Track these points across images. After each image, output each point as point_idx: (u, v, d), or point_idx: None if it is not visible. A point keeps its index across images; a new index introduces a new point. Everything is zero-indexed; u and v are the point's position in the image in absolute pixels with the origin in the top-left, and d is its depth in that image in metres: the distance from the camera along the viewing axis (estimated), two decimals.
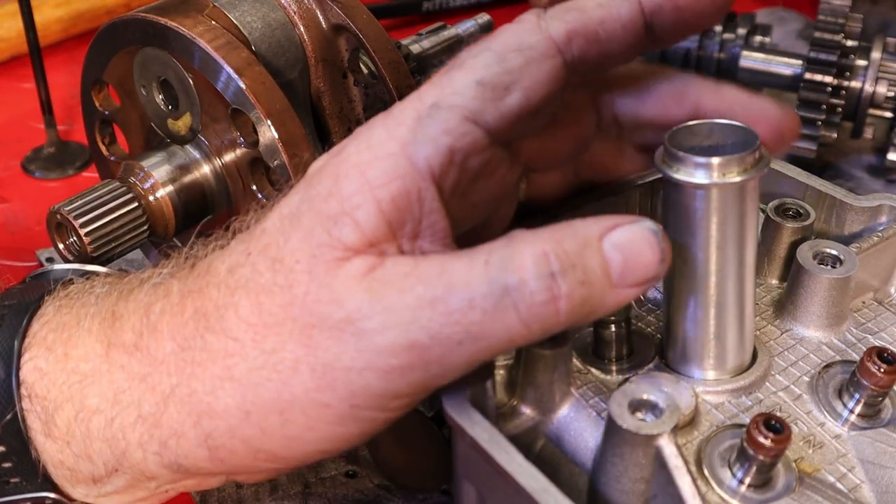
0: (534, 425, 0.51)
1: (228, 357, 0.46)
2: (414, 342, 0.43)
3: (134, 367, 0.49)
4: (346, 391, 0.45)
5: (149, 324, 0.49)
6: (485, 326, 0.43)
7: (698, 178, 0.47)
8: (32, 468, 0.50)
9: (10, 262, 0.87)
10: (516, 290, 0.43)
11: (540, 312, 0.43)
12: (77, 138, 1.01)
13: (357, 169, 0.45)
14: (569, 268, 0.43)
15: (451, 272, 0.44)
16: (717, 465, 0.49)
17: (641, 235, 0.44)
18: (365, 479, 0.64)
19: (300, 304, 0.45)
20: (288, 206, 0.47)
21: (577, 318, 0.44)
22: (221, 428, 0.47)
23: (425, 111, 0.46)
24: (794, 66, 0.97)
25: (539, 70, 0.47)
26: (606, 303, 0.45)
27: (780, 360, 0.56)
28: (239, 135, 0.66)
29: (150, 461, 0.49)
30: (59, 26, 1.15)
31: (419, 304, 0.43)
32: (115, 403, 0.49)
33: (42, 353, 0.50)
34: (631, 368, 0.54)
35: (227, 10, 0.67)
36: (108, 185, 0.68)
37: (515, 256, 0.43)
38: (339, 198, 0.45)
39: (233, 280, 0.47)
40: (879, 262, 0.60)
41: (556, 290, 0.43)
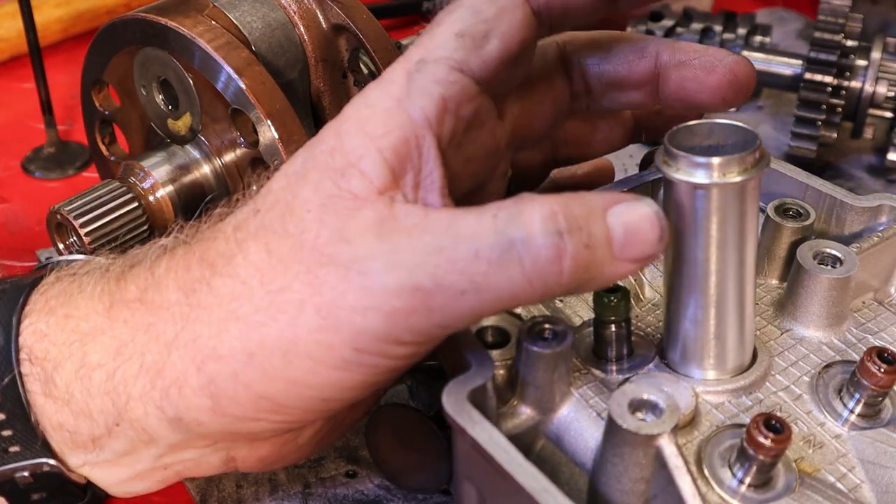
0: (534, 425, 0.51)
1: (234, 300, 0.47)
2: (418, 285, 0.44)
3: (137, 319, 0.49)
4: (350, 332, 0.45)
5: (154, 280, 0.50)
6: (489, 278, 0.44)
7: (698, 177, 0.47)
8: (31, 434, 0.50)
9: (10, 262, 0.87)
10: (523, 243, 0.44)
11: (544, 269, 0.44)
12: (77, 138, 1.01)
13: (357, 125, 0.48)
14: (575, 229, 0.44)
15: (459, 224, 0.45)
16: (717, 465, 0.49)
17: (643, 212, 0.46)
18: (365, 479, 0.64)
19: (310, 247, 0.46)
20: (293, 165, 0.49)
21: (578, 281, 0.45)
22: (225, 372, 0.47)
23: (413, 67, 0.49)
24: (794, 66, 0.97)
25: (512, 17, 0.50)
26: (606, 273, 0.46)
27: (780, 360, 0.56)
28: (239, 135, 0.66)
29: (152, 415, 0.49)
30: (59, 26, 1.15)
31: (426, 249, 0.45)
32: (118, 356, 0.49)
33: (43, 317, 0.51)
34: (631, 368, 0.54)
35: (227, 10, 0.67)
36: (108, 185, 0.68)
37: (524, 213, 0.45)
38: (342, 151, 0.47)
39: (241, 233, 0.49)
40: (879, 262, 0.60)
41: (562, 247, 0.44)
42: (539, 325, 0.50)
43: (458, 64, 0.49)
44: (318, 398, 0.48)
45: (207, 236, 0.50)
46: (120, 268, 0.52)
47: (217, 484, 0.64)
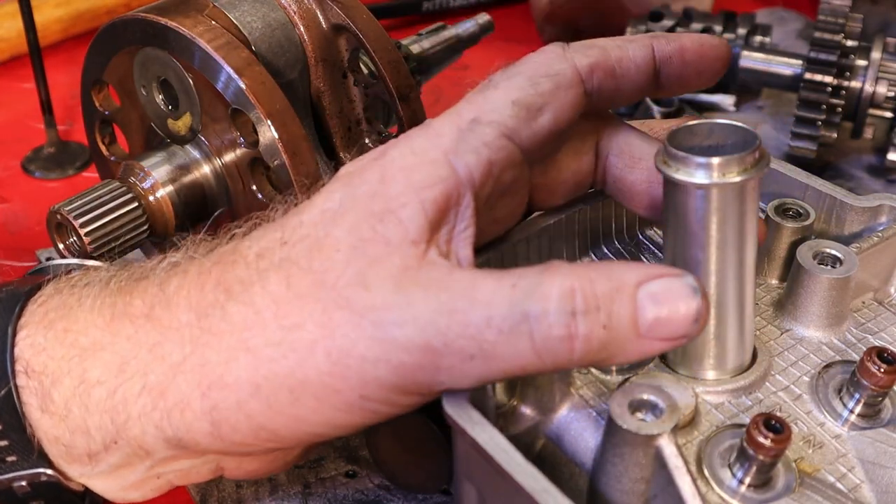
0: (534, 425, 0.51)
1: (247, 329, 0.47)
2: (428, 344, 0.44)
3: (141, 337, 0.49)
4: (358, 380, 0.45)
5: (164, 297, 0.49)
6: (498, 347, 0.44)
7: (698, 178, 0.47)
8: (27, 445, 0.50)
9: (10, 262, 0.87)
10: (535, 319, 0.44)
11: (554, 347, 0.44)
12: (77, 138, 1.01)
13: (403, 172, 0.47)
14: (593, 309, 0.44)
15: (478, 288, 0.45)
16: (717, 465, 0.49)
17: (679, 290, 0.44)
18: (365, 479, 0.64)
19: (330, 287, 0.46)
20: (329, 201, 0.49)
21: (593, 360, 0.45)
22: (229, 400, 0.47)
23: (465, 125, 0.49)
24: (794, 66, 0.97)
25: (566, 95, 0.51)
26: (629, 350, 0.45)
27: (780, 360, 0.56)
28: (239, 135, 0.66)
29: (150, 434, 0.49)
30: (59, 26, 1.15)
31: (440, 309, 0.44)
32: (120, 373, 0.49)
33: (40, 329, 0.51)
34: (631, 368, 0.54)
35: (227, 10, 0.67)
36: (108, 185, 0.68)
37: (543, 286, 0.44)
38: (385, 197, 0.47)
39: (263, 262, 0.48)
40: (879, 262, 0.60)
41: (574, 328, 0.44)
42: None
43: (509, 131, 0.49)
44: (316, 434, 0.48)
45: (226, 259, 0.49)
46: (123, 280, 0.52)
47: (217, 484, 0.64)
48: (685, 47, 0.54)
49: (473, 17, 0.89)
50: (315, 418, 0.47)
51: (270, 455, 0.53)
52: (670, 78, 0.54)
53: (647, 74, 0.54)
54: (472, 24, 0.88)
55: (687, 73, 0.54)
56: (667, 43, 0.54)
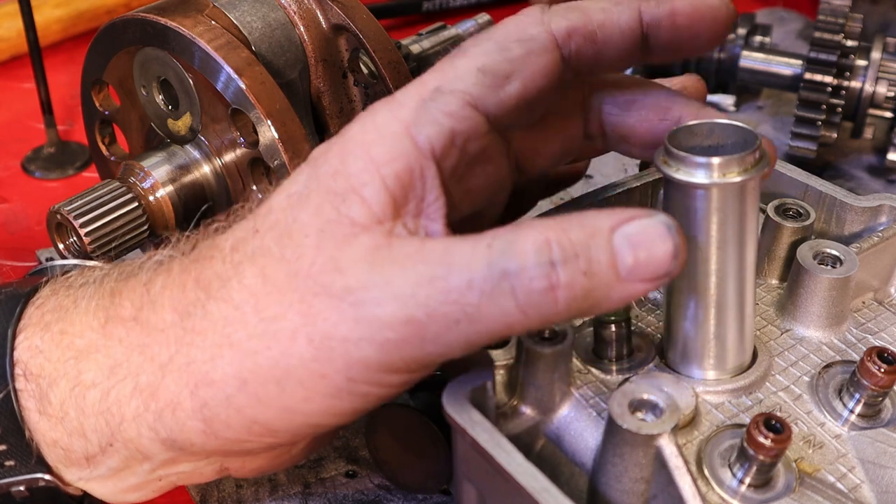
0: (534, 425, 0.51)
1: (228, 325, 0.47)
2: (410, 317, 0.44)
3: (132, 339, 0.49)
4: (343, 362, 0.45)
5: (149, 298, 0.49)
6: (482, 309, 0.43)
7: (698, 178, 0.47)
8: (25, 450, 0.50)
9: (10, 262, 0.87)
10: (515, 275, 0.43)
11: (537, 300, 0.43)
12: (77, 138, 1.01)
13: (362, 148, 0.47)
14: (571, 257, 0.43)
15: (453, 253, 0.44)
16: (717, 465, 0.49)
17: (655, 229, 0.44)
18: (365, 479, 0.64)
19: (304, 275, 0.46)
20: (295, 185, 0.48)
21: (578, 309, 0.44)
22: (218, 397, 0.47)
23: (428, 94, 0.47)
24: (794, 66, 0.97)
25: (538, 61, 0.48)
26: (612, 296, 0.44)
27: (780, 360, 0.56)
28: (239, 135, 0.66)
29: (145, 436, 0.49)
30: (59, 26, 1.15)
31: (419, 280, 0.44)
32: (112, 375, 0.49)
33: (38, 332, 0.51)
34: (631, 368, 0.54)
35: (227, 10, 0.67)
36: (108, 185, 0.68)
37: (518, 242, 0.44)
38: (345, 175, 0.46)
39: (238, 255, 0.48)
40: (879, 262, 0.60)
41: (555, 278, 0.43)
42: None
43: (473, 100, 0.47)
44: (310, 424, 0.48)
45: (204, 254, 0.49)
46: (114, 280, 0.52)
47: (217, 484, 0.64)
48: (677, 10, 0.50)
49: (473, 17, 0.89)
50: (305, 407, 0.47)
51: (273, 452, 0.53)
52: (660, 43, 0.50)
53: (633, 40, 0.50)
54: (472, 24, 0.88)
55: (680, 38, 0.50)
56: (656, 5, 0.50)
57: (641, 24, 0.50)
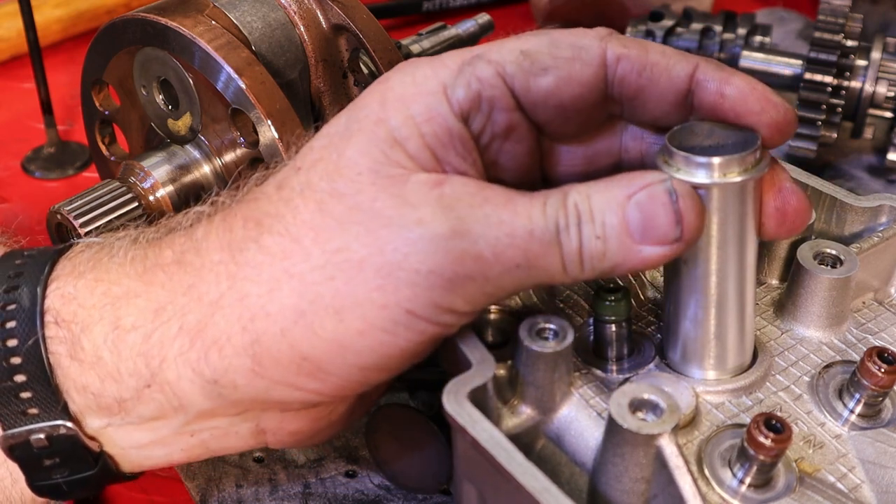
0: (534, 425, 0.51)
1: (287, 258, 0.47)
2: (479, 254, 0.46)
3: (175, 282, 0.49)
4: (407, 294, 0.46)
5: (192, 244, 0.50)
6: (539, 259, 0.47)
7: (699, 177, 0.47)
8: (51, 397, 0.50)
9: None
10: (563, 232, 0.47)
11: (573, 258, 0.47)
12: (77, 138, 1.01)
13: (402, 101, 0.49)
14: (587, 222, 0.47)
15: (516, 202, 0.47)
16: (717, 465, 0.49)
17: (659, 196, 0.47)
18: (365, 479, 0.64)
19: (367, 208, 0.47)
20: (335, 125, 0.50)
21: (600, 269, 0.47)
22: (272, 330, 0.47)
23: (468, 59, 0.50)
24: (794, 66, 0.97)
25: (580, 68, 0.50)
26: (632, 259, 0.47)
27: (780, 360, 0.56)
28: (239, 135, 0.66)
29: (185, 378, 0.49)
30: (59, 26, 1.15)
31: (488, 221, 0.46)
32: (156, 318, 0.49)
33: (71, 280, 0.51)
34: (631, 368, 0.54)
35: (227, 10, 0.67)
36: (108, 185, 0.68)
37: (565, 203, 0.47)
38: (387, 126, 0.48)
39: (285, 192, 0.49)
40: (879, 262, 0.60)
41: (578, 241, 0.47)
42: (539, 325, 0.50)
43: (504, 73, 0.49)
44: (359, 365, 0.48)
45: (248, 198, 0.50)
46: (152, 234, 0.52)
47: (217, 484, 0.64)
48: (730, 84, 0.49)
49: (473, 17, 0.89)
50: (359, 342, 0.47)
51: (313, 412, 0.53)
52: (703, 108, 0.50)
53: (679, 92, 0.50)
54: (472, 24, 0.88)
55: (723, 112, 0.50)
56: (715, 70, 0.49)
57: (691, 80, 0.50)
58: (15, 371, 0.50)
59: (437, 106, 0.48)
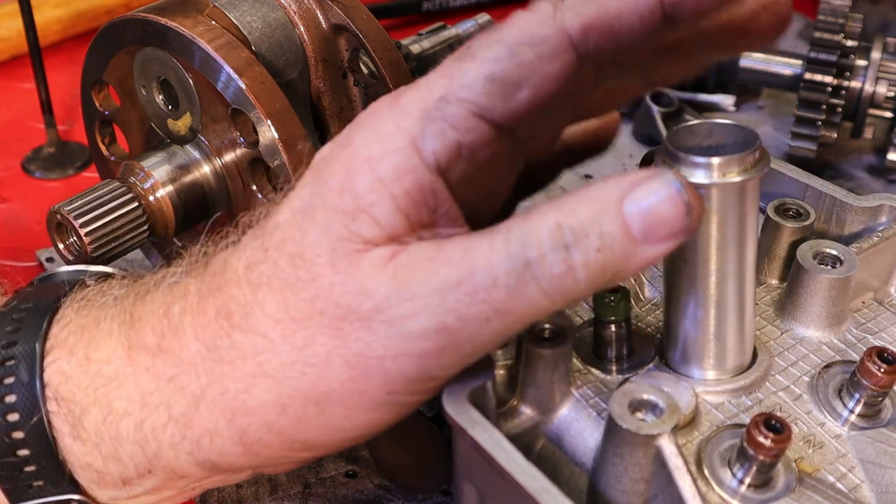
0: (534, 425, 0.51)
1: (259, 354, 0.47)
2: (443, 325, 0.44)
3: (159, 369, 0.49)
4: (381, 378, 0.45)
5: (170, 325, 0.49)
6: (510, 303, 0.44)
7: (698, 177, 0.47)
8: (57, 471, 0.50)
9: (10, 262, 0.87)
10: (535, 264, 0.43)
11: (560, 284, 0.43)
12: (77, 138, 1.01)
13: (368, 165, 0.45)
14: (582, 237, 0.43)
15: (473, 254, 0.44)
16: (717, 465, 0.49)
17: (663, 190, 0.43)
18: (365, 479, 0.64)
19: (326, 297, 0.45)
20: (299, 199, 0.47)
21: (600, 282, 0.44)
22: (257, 423, 0.47)
23: (433, 104, 0.45)
24: (794, 66, 0.97)
25: (551, 66, 0.45)
26: (633, 263, 0.44)
27: (780, 360, 0.56)
28: (239, 135, 0.66)
29: (183, 460, 0.49)
30: (59, 26, 1.15)
31: (444, 287, 0.44)
32: (144, 406, 0.49)
33: (64, 355, 0.50)
34: (631, 368, 0.54)
35: (227, 10, 0.67)
36: (108, 185, 0.68)
37: (532, 231, 0.44)
38: (353, 194, 0.45)
39: (253, 277, 0.48)
40: (879, 262, 0.60)
41: (571, 261, 0.43)
42: (539, 325, 0.50)
43: (480, 110, 0.45)
44: (350, 437, 0.48)
45: (219, 277, 0.49)
46: (132, 300, 0.51)
47: None
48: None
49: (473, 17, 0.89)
50: (345, 424, 0.47)
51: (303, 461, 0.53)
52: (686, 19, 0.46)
53: (654, 23, 0.45)
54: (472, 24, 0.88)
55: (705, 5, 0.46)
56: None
57: (663, 5, 0.45)
58: (18, 446, 0.50)
59: (406, 163, 0.45)
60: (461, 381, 0.48)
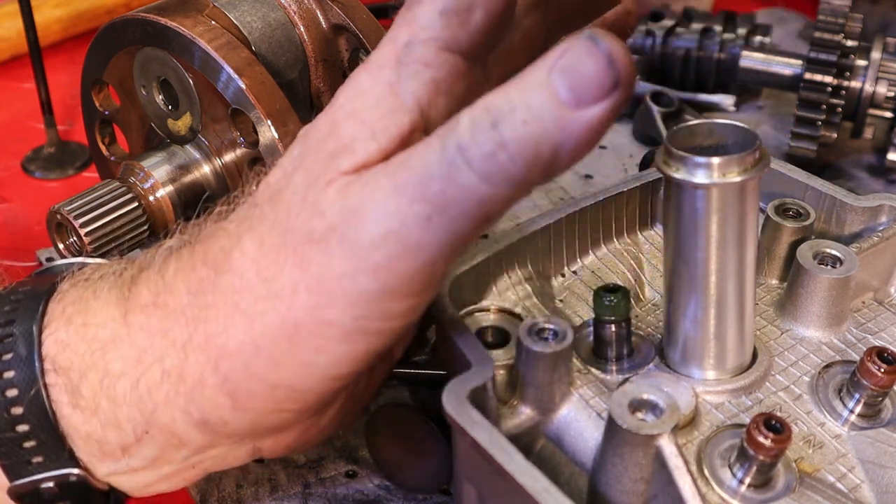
0: (534, 425, 0.51)
1: (235, 294, 0.47)
2: (388, 231, 0.44)
3: (153, 325, 0.49)
4: (345, 301, 0.45)
5: (164, 284, 0.50)
6: (447, 195, 0.43)
7: (698, 178, 0.47)
8: (57, 445, 0.50)
9: (10, 262, 0.87)
10: (465, 148, 0.42)
11: (493, 165, 0.42)
12: (77, 138, 1.01)
13: (351, 113, 0.47)
14: (508, 112, 0.42)
15: (410, 156, 0.44)
16: (717, 465, 0.49)
17: (580, 48, 0.41)
18: (365, 479, 0.64)
19: (294, 230, 0.46)
20: (289, 158, 0.49)
21: (539, 158, 0.42)
22: (237, 367, 0.47)
23: (402, 51, 0.47)
24: (794, 66, 0.97)
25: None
26: (573, 131, 0.41)
27: (780, 360, 0.56)
28: (239, 135, 0.66)
29: (179, 420, 0.49)
30: (59, 26, 1.15)
31: (386, 194, 0.44)
32: (139, 364, 0.49)
33: (62, 325, 0.51)
34: (631, 368, 0.54)
35: (227, 10, 0.67)
36: (108, 185, 0.68)
37: (461, 118, 0.43)
38: (336, 137, 0.47)
39: (241, 228, 0.49)
40: (879, 262, 0.60)
41: (499, 137, 0.42)
42: (539, 325, 0.50)
43: (445, 44, 0.47)
44: (330, 377, 0.48)
45: (210, 237, 0.50)
46: (131, 272, 0.52)
47: (217, 484, 0.64)
48: None
49: None
50: (320, 359, 0.47)
51: (302, 424, 0.53)
52: None
53: None
54: None
55: None
56: None
57: None
58: (17, 421, 0.50)
59: (386, 105, 0.46)
60: (461, 380, 0.48)
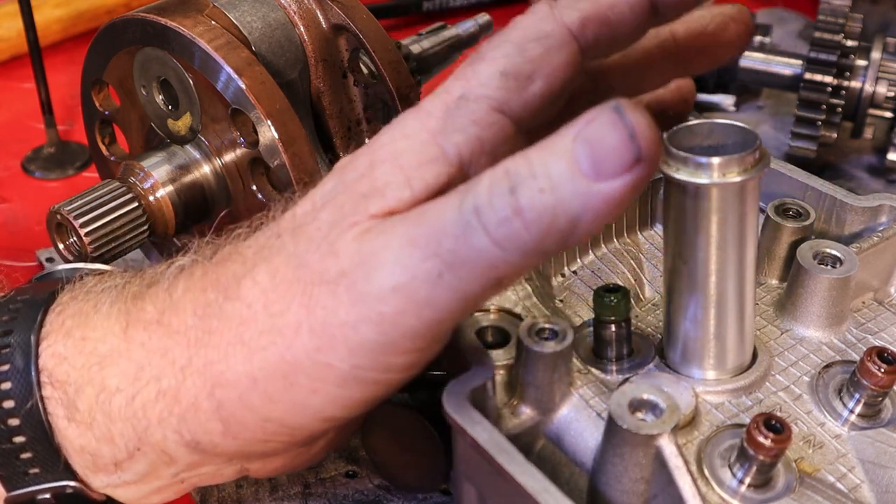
0: (534, 425, 0.51)
1: (241, 324, 0.47)
2: (397, 284, 0.43)
3: (154, 343, 0.49)
4: (345, 349, 0.45)
5: (171, 302, 0.50)
6: (459, 254, 0.42)
7: (698, 177, 0.47)
8: (53, 457, 0.50)
9: (10, 262, 0.87)
10: (482, 211, 0.42)
11: (507, 230, 0.41)
12: (77, 138, 1.01)
13: (391, 155, 0.46)
14: (527, 179, 0.41)
15: (428, 210, 0.44)
16: (717, 465, 0.49)
17: (603, 119, 0.41)
18: (365, 479, 0.64)
19: (307, 265, 0.46)
20: (321, 192, 0.48)
21: (553, 229, 0.41)
22: (232, 397, 0.47)
23: (453, 103, 0.47)
24: (794, 66, 0.97)
25: (558, 57, 0.48)
26: (591, 204, 0.41)
27: (780, 360, 0.56)
28: (239, 135, 0.66)
29: (170, 440, 0.49)
30: (59, 26, 1.15)
31: (399, 244, 0.43)
32: (136, 380, 0.49)
33: (60, 338, 0.51)
34: (631, 368, 0.54)
35: (227, 10, 0.67)
36: (108, 185, 0.68)
37: (481, 179, 0.43)
38: (370, 179, 0.46)
39: (258, 256, 0.48)
40: (879, 262, 0.60)
41: (516, 204, 0.41)
42: (539, 325, 0.50)
43: (499, 105, 0.47)
44: (322, 417, 0.48)
45: (225, 258, 0.50)
46: (137, 286, 0.52)
47: (217, 484, 0.64)
48: None
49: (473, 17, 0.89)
50: (314, 401, 0.47)
51: (292, 451, 0.53)
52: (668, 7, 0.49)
53: (643, 12, 0.48)
54: (472, 24, 0.88)
55: None
56: None
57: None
58: (14, 433, 0.50)
59: (427, 154, 0.46)
60: (461, 381, 0.48)
